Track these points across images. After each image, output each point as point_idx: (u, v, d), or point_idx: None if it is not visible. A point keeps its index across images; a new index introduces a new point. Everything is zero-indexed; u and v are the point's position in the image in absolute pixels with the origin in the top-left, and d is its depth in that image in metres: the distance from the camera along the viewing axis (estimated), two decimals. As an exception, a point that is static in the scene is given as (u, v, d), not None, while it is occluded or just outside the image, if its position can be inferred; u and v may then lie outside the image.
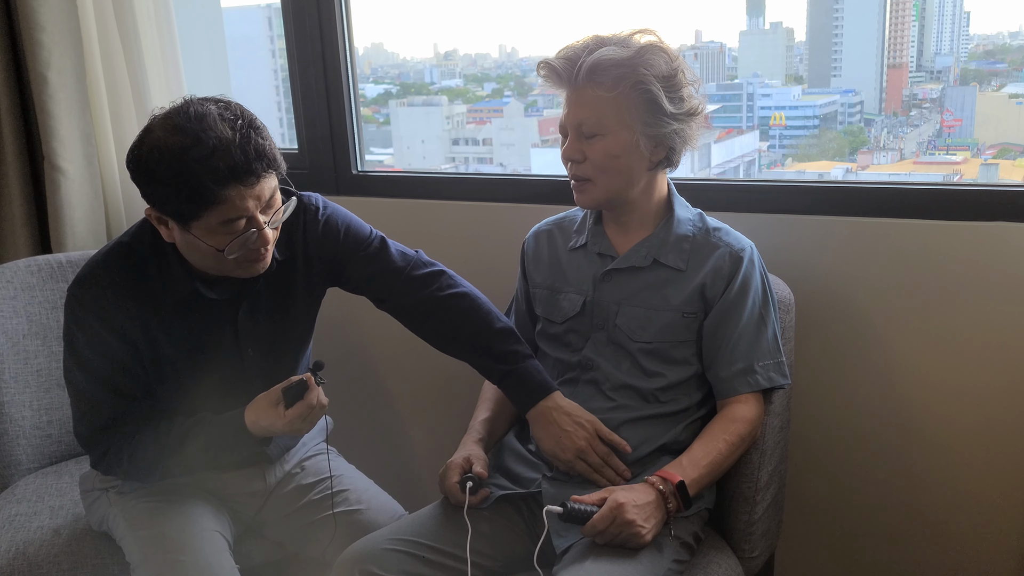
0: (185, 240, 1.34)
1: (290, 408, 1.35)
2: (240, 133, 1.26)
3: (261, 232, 1.32)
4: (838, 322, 1.72)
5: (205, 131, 1.24)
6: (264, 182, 1.30)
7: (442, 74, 3.04)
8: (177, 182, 1.24)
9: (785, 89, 2.57)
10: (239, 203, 1.28)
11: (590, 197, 1.46)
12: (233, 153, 1.25)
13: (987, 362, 1.63)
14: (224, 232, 1.30)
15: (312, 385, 1.35)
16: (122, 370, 1.42)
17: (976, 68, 2.29)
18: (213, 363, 1.47)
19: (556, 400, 1.45)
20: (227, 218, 1.29)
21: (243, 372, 1.50)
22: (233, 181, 1.26)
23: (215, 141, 1.24)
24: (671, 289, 1.46)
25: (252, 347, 1.49)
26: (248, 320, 1.48)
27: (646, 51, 1.38)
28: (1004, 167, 2.20)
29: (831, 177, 2.34)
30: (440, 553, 1.40)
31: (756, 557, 1.51)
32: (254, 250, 1.35)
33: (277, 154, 1.32)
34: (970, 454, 1.68)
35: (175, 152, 1.24)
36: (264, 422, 1.37)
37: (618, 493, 1.33)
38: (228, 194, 1.26)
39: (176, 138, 1.24)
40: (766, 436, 1.47)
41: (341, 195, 2.14)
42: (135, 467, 1.45)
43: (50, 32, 1.95)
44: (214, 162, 1.24)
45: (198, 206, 1.26)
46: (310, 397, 1.34)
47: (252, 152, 1.26)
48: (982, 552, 1.72)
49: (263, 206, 1.32)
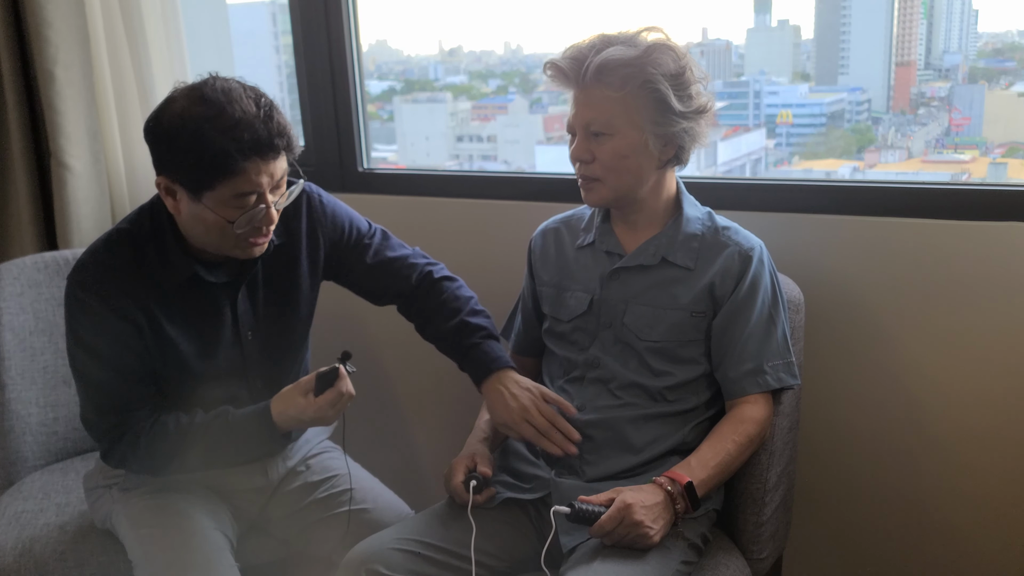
0: (192, 212, 1.35)
1: (320, 395, 1.37)
2: (264, 110, 1.30)
3: (268, 210, 1.34)
4: (847, 322, 1.71)
5: (231, 103, 1.28)
6: (280, 160, 1.34)
7: (447, 71, 3.04)
8: (199, 149, 1.27)
9: (792, 87, 2.55)
10: (255, 177, 1.30)
11: (598, 196, 1.45)
12: (257, 127, 1.28)
13: (997, 362, 1.62)
14: (234, 206, 1.32)
15: (343, 374, 1.38)
16: (127, 351, 1.41)
17: (985, 66, 2.28)
18: (215, 347, 1.48)
19: (508, 374, 1.49)
20: (240, 191, 1.31)
21: (244, 357, 1.51)
22: (254, 154, 1.29)
23: (240, 113, 1.27)
24: (679, 288, 1.45)
25: (251, 331, 1.50)
26: (247, 304, 1.49)
27: (654, 49, 1.37)
28: (1013, 166, 2.18)
29: (838, 175, 2.34)
30: (446, 553, 1.40)
31: (764, 559, 1.51)
32: (257, 228, 1.37)
33: (295, 136, 1.35)
34: (980, 455, 1.67)
35: (199, 120, 1.27)
36: (293, 411, 1.39)
37: (626, 494, 1.33)
38: (247, 166, 1.29)
39: (201, 107, 1.27)
40: (775, 437, 1.46)
41: (347, 192, 2.13)
42: (152, 456, 1.43)
43: (57, 28, 1.95)
44: (238, 133, 1.26)
45: (216, 175, 1.28)
46: (340, 384, 1.37)
47: (275, 128, 1.30)
48: (992, 554, 1.72)
49: (274, 185, 1.34)
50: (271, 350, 1.53)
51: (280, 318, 1.53)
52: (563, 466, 1.47)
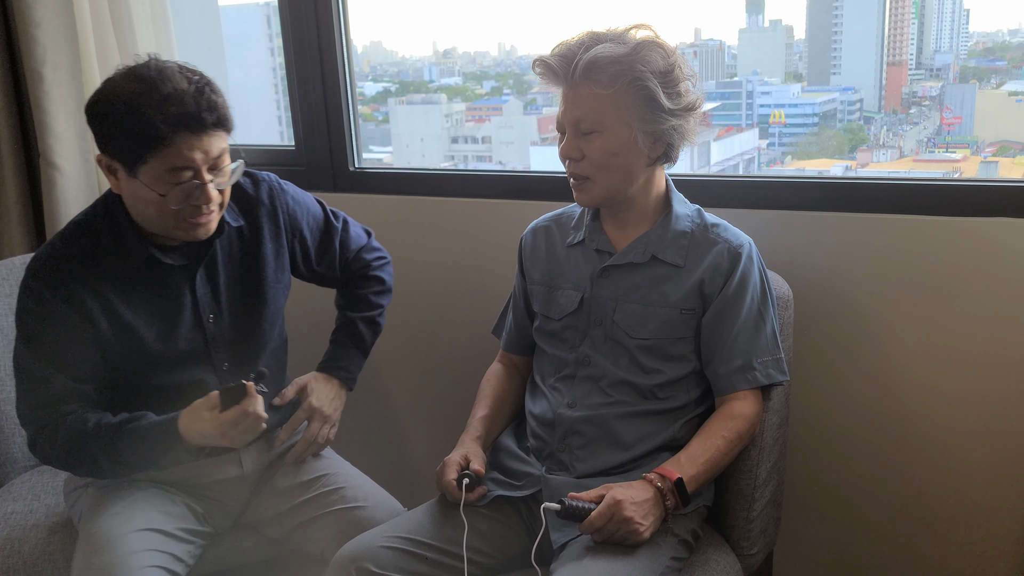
0: (131, 190, 1.38)
1: (224, 412, 1.34)
2: (196, 86, 1.34)
3: (204, 187, 1.36)
4: (837, 318, 1.71)
5: (163, 80, 1.32)
6: (213, 138, 1.36)
7: (441, 72, 3.03)
8: (130, 123, 1.31)
9: (784, 87, 2.56)
10: (186, 152, 1.33)
11: (590, 196, 1.45)
12: (186, 101, 1.32)
13: (986, 357, 1.62)
14: (168, 181, 1.35)
15: (251, 392, 1.34)
16: (71, 345, 1.42)
17: (976, 66, 2.28)
18: (174, 330, 1.48)
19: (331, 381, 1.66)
20: (173, 166, 1.33)
21: (207, 340, 1.51)
22: (182, 128, 1.32)
23: (171, 89, 1.31)
24: (669, 285, 1.45)
25: (213, 314, 1.51)
26: (206, 287, 1.51)
27: (642, 47, 1.37)
28: (1004, 165, 2.19)
29: (830, 175, 2.34)
30: (437, 551, 1.40)
31: (755, 554, 1.51)
32: (195, 207, 1.38)
33: (229, 115, 1.38)
34: (969, 451, 1.68)
35: (131, 96, 1.31)
36: (196, 425, 1.37)
37: (616, 490, 1.33)
38: (176, 140, 1.32)
39: (134, 85, 1.32)
40: (765, 433, 1.46)
41: (339, 192, 2.14)
42: (68, 452, 1.42)
43: (45, 28, 1.95)
44: (166, 107, 1.30)
45: (146, 149, 1.32)
46: (246, 403, 1.34)
47: (204, 104, 1.33)
48: (981, 547, 1.72)
49: (211, 163, 1.37)
50: (236, 334, 1.54)
51: (244, 302, 1.55)
52: (554, 463, 1.47)
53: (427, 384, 2.14)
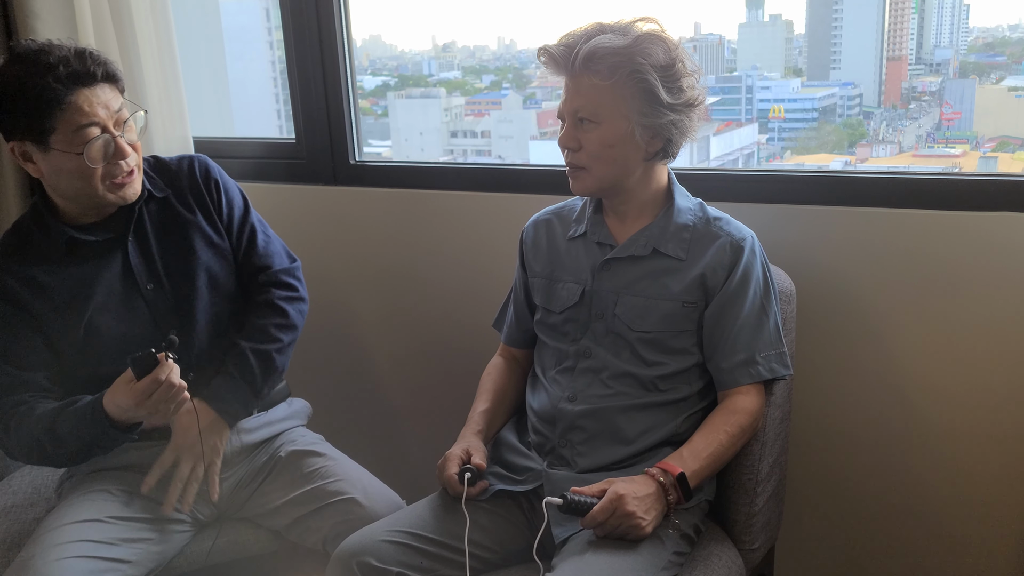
0: (50, 166, 1.43)
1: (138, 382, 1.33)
2: (75, 50, 1.41)
3: (115, 140, 1.43)
4: (839, 312, 1.71)
5: (43, 52, 1.40)
6: (108, 90, 1.44)
7: (440, 66, 3.02)
8: (25, 97, 1.38)
9: (784, 82, 2.55)
10: (87, 108, 1.40)
11: (583, 185, 1.45)
12: (72, 61, 1.39)
13: (987, 351, 1.62)
14: (80, 141, 1.41)
15: (161, 360, 1.33)
16: (11, 336, 1.47)
17: (975, 61, 2.28)
18: (116, 302, 1.52)
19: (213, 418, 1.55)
20: (79, 124, 1.40)
21: (149, 308, 1.55)
22: (76, 84, 1.39)
23: (55, 57, 1.39)
24: (671, 278, 1.45)
25: (151, 283, 1.55)
26: (139, 257, 1.55)
27: (644, 40, 1.37)
28: (1003, 160, 2.19)
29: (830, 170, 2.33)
30: (438, 545, 1.40)
31: (757, 549, 1.51)
32: (116, 166, 1.45)
33: (116, 69, 1.46)
34: (971, 445, 1.68)
35: (17, 74, 1.38)
36: (117, 398, 1.37)
37: (618, 485, 1.33)
38: (74, 98, 1.39)
39: (16, 64, 1.40)
40: (767, 427, 1.46)
41: (339, 185, 2.13)
42: (19, 440, 1.44)
43: (45, 20, 1.93)
44: (56, 71, 1.38)
45: (49, 114, 1.38)
46: (157, 371, 1.33)
47: (89, 60, 1.41)
48: (982, 542, 1.72)
49: (114, 119, 1.44)
50: (179, 301, 1.57)
51: (181, 270, 1.57)
52: (555, 458, 1.47)
53: (427, 378, 2.14)
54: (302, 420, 1.76)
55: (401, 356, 2.16)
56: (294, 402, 1.77)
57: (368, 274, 2.14)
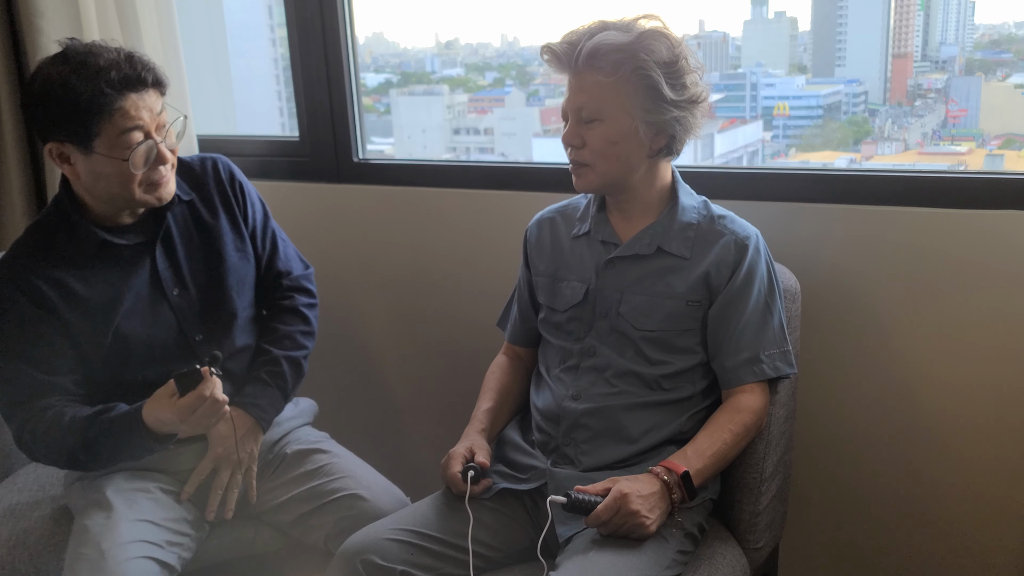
0: (89, 169, 1.41)
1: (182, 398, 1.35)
2: (124, 53, 1.40)
3: (159, 147, 1.43)
4: (844, 311, 1.71)
5: (92, 55, 1.38)
6: (154, 96, 1.43)
7: (443, 63, 3.02)
8: (74, 100, 1.35)
9: (789, 79, 2.55)
10: (134, 112, 1.39)
11: (586, 182, 1.45)
12: (123, 65, 1.38)
13: (993, 350, 1.62)
14: (124, 145, 1.39)
15: (206, 376, 1.35)
16: (39, 340, 1.44)
17: (981, 58, 2.27)
18: (143, 307, 1.51)
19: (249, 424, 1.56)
20: (125, 128, 1.38)
21: (176, 314, 1.54)
22: (126, 89, 1.38)
23: (104, 60, 1.37)
24: (675, 277, 1.45)
25: (177, 288, 1.54)
26: (166, 262, 1.54)
27: (647, 36, 1.37)
28: (1009, 157, 2.18)
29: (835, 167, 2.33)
30: (442, 543, 1.40)
31: (760, 548, 1.50)
32: (155, 170, 1.44)
33: (163, 74, 1.44)
34: (977, 444, 1.67)
35: (65, 76, 1.36)
36: (158, 412, 1.38)
37: (622, 483, 1.32)
38: (122, 103, 1.38)
39: (64, 66, 1.37)
40: (771, 426, 1.46)
41: (343, 183, 2.13)
42: (48, 446, 1.44)
43: (50, 18, 1.94)
44: (106, 75, 1.36)
45: (97, 118, 1.37)
46: (202, 388, 1.34)
47: (139, 65, 1.40)
48: (989, 539, 1.72)
49: (156, 123, 1.42)
50: (206, 306, 1.57)
51: (207, 274, 1.57)
52: (559, 456, 1.47)
53: (431, 376, 2.14)
54: (308, 419, 1.76)
55: (404, 353, 2.16)
56: (300, 401, 1.77)
57: (371, 271, 2.14)
